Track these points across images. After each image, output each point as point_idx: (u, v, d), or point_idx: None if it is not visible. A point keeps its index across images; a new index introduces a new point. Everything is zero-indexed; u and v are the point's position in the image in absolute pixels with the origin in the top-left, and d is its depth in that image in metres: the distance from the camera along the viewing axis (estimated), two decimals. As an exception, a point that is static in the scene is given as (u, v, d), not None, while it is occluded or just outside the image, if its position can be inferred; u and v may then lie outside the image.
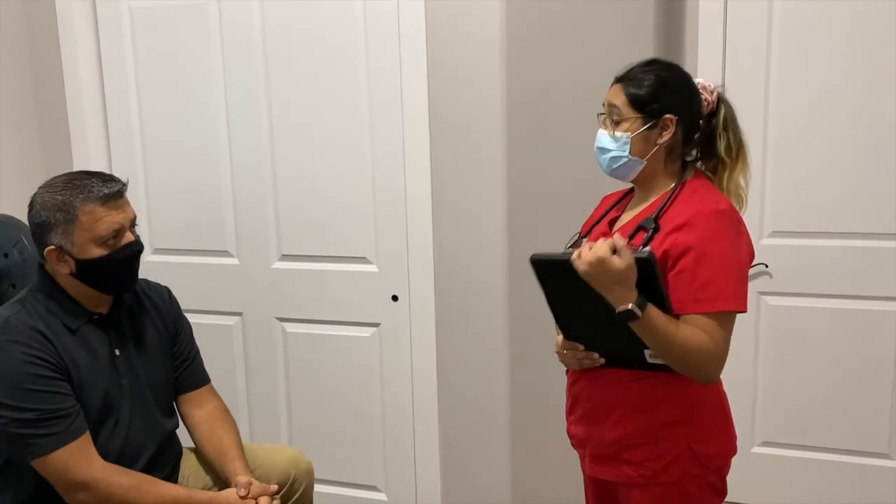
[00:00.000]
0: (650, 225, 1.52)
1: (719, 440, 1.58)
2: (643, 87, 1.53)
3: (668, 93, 1.53)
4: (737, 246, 1.48)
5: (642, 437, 1.55)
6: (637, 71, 1.56)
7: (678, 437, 1.53)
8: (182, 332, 1.97)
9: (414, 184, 2.47)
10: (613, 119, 1.55)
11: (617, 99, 1.55)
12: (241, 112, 2.63)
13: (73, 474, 1.64)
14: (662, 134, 1.53)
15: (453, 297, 2.50)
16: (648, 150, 1.54)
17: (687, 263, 1.44)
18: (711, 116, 1.58)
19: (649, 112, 1.52)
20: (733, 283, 1.45)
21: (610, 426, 1.58)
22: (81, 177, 1.70)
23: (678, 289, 1.45)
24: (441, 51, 2.38)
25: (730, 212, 1.50)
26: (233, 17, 2.58)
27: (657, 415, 1.53)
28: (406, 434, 2.65)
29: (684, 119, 1.54)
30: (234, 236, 2.72)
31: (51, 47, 2.76)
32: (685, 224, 1.47)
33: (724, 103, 1.59)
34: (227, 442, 1.89)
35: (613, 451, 1.59)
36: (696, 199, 1.52)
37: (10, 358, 1.61)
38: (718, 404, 1.61)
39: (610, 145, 1.56)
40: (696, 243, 1.44)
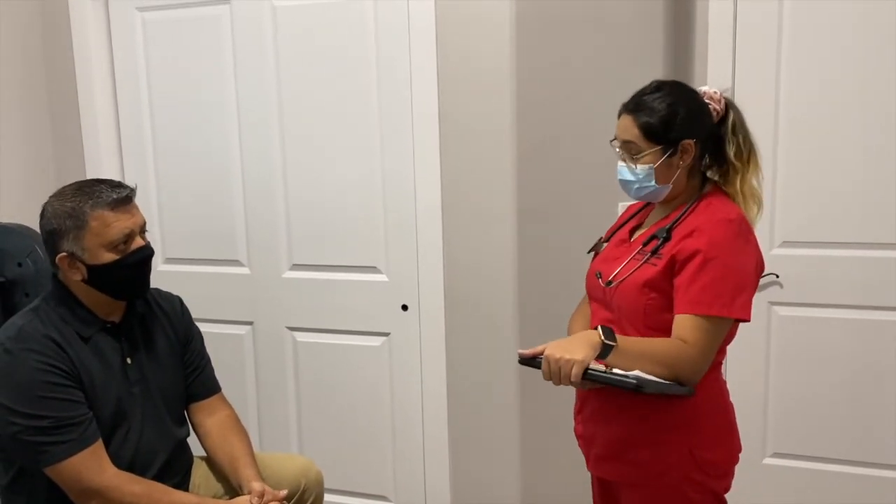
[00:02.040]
0: (662, 234, 1.57)
1: (721, 448, 1.61)
2: (655, 116, 1.54)
3: (682, 118, 1.55)
4: (742, 254, 1.51)
5: (645, 438, 1.58)
6: (646, 100, 1.56)
7: (680, 442, 1.56)
8: (193, 340, 1.98)
9: (424, 193, 2.48)
10: (632, 154, 1.57)
11: (630, 133, 1.57)
12: (253, 122, 2.64)
13: (85, 482, 1.65)
14: (684, 157, 1.56)
15: (463, 307, 2.51)
16: (672, 175, 1.57)
17: (691, 266, 1.49)
18: (720, 123, 1.60)
19: (667, 141, 1.55)
20: (731, 290, 1.48)
21: (615, 426, 1.63)
22: (90, 184, 1.72)
23: (679, 290, 1.50)
24: (451, 59, 2.39)
25: (739, 221, 1.53)
26: (244, 26, 2.60)
27: (661, 418, 1.56)
28: (416, 443, 2.64)
29: (700, 139, 1.57)
30: (245, 246, 2.74)
31: (64, 58, 2.78)
32: (695, 230, 1.52)
33: (731, 108, 1.61)
34: (239, 450, 1.90)
35: (616, 450, 1.63)
36: (709, 210, 1.56)
37: (25, 366, 1.62)
38: (723, 412, 1.63)
39: (633, 178, 1.59)
40: (702, 248, 1.48)
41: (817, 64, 2.23)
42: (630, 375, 1.43)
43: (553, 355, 1.43)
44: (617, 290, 1.60)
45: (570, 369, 1.40)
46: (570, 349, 1.42)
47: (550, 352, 1.44)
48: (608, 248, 1.75)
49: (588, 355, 1.41)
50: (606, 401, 1.63)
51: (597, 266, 1.72)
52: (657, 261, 1.55)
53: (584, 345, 1.42)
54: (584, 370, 1.40)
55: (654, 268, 1.55)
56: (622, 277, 1.59)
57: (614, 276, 1.61)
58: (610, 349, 1.43)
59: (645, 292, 1.55)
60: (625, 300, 1.59)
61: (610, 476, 1.68)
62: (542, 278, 2.44)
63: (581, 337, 1.46)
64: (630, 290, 1.58)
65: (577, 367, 1.40)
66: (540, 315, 2.45)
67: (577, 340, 1.45)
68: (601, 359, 1.44)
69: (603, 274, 1.65)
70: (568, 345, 1.44)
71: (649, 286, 1.55)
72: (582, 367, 1.40)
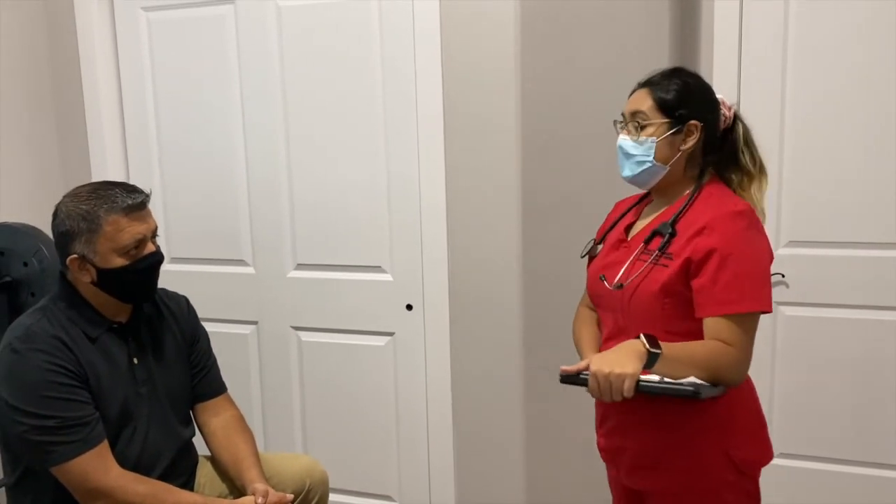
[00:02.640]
0: (666, 230, 1.54)
1: (756, 446, 1.58)
2: (671, 91, 1.55)
3: (695, 99, 1.56)
4: (757, 246, 1.49)
5: (678, 444, 1.54)
6: (662, 77, 1.58)
7: (714, 444, 1.53)
8: (200, 341, 1.98)
9: (428, 193, 2.48)
10: (637, 123, 1.56)
11: (643, 104, 1.56)
12: (257, 121, 2.65)
13: (91, 482, 1.65)
14: (687, 140, 1.55)
15: (468, 306, 2.51)
16: (672, 156, 1.56)
17: (709, 266, 1.45)
18: (727, 131, 1.61)
19: (677, 117, 1.54)
20: (756, 283, 1.46)
21: (645, 436, 1.58)
22: (106, 187, 1.71)
23: (701, 291, 1.46)
24: (456, 58, 2.39)
25: (748, 212, 1.51)
26: (249, 26, 2.60)
27: (692, 422, 1.52)
28: (420, 443, 2.65)
29: (707, 127, 1.56)
30: (250, 246, 2.74)
31: (70, 57, 2.79)
32: (705, 227, 1.48)
33: (740, 120, 1.62)
34: (244, 451, 1.90)
35: (650, 460, 1.58)
36: (713, 202, 1.53)
37: (32, 366, 1.63)
38: (753, 409, 1.60)
39: (634, 150, 1.57)
40: (717, 246, 1.45)
41: (823, 65, 2.23)
42: (685, 383, 1.38)
43: (601, 371, 1.37)
44: (631, 295, 1.55)
45: (621, 384, 1.35)
46: (618, 362, 1.37)
47: (597, 367, 1.38)
48: (605, 249, 1.71)
49: (637, 367, 1.36)
50: (630, 412, 1.57)
51: (598, 270, 1.67)
52: (668, 261, 1.51)
53: (631, 356, 1.37)
54: (636, 383, 1.36)
55: (667, 270, 1.51)
56: (632, 280, 1.55)
57: (621, 278, 1.57)
58: (656, 357, 1.38)
59: (660, 297, 1.51)
60: (640, 307, 1.54)
61: (645, 486, 1.62)
62: (546, 278, 2.44)
63: (625, 348, 1.40)
64: (645, 295, 1.53)
65: (630, 381, 1.35)
66: (545, 314, 2.45)
67: (622, 352, 1.39)
68: (647, 368, 1.38)
69: (608, 277, 1.61)
70: (614, 358, 1.39)
71: (664, 291, 1.51)
72: (634, 381, 1.35)
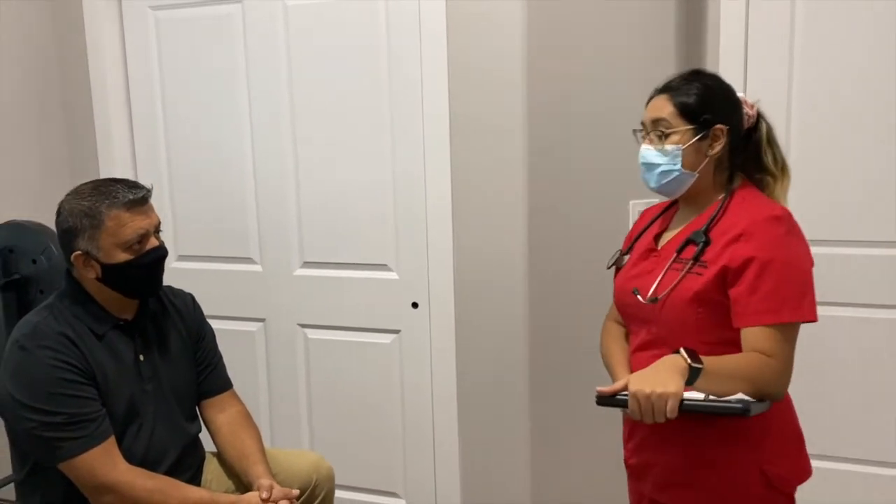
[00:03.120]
0: (700, 238, 1.47)
1: (792, 461, 1.52)
2: (692, 95, 1.49)
3: (718, 102, 1.50)
4: (798, 252, 1.43)
5: (710, 460, 1.49)
6: (682, 81, 1.52)
7: (749, 460, 1.47)
8: (205, 337, 1.99)
9: (434, 191, 2.48)
10: (661, 132, 1.50)
11: (663, 111, 1.50)
12: (264, 120, 2.66)
13: (98, 477, 1.67)
14: (714, 145, 1.49)
15: (473, 305, 2.51)
16: (700, 162, 1.49)
17: (748, 275, 1.39)
18: (751, 131, 1.55)
19: (702, 122, 1.48)
20: (797, 291, 1.39)
21: (675, 450, 1.53)
22: (107, 183, 1.73)
23: (739, 301, 1.40)
24: (462, 56, 2.39)
25: (786, 217, 1.44)
26: (256, 24, 2.61)
27: (724, 437, 1.46)
28: (426, 440, 2.65)
29: (733, 129, 1.50)
30: (258, 243, 2.75)
31: (78, 56, 2.80)
32: (741, 234, 1.42)
33: (763, 119, 1.56)
34: (250, 446, 1.91)
35: (681, 476, 1.53)
36: (747, 207, 1.47)
37: (39, 363, 1.64)
38: (790, 422, 1.54)
39: (658, 160, 1.50)
40: (756, 253, 1.39)
41: (829, 64, 2.23)
42: (733, 400, 1.31)
43: (642, 391, 1.29)
44: (664, 305, 1.48)
45: (664, 405, 1.27)
46: (659, 381, 1.28)
47: (637, 387, 1.30)
48: (633, 260, 1.63)
49: (680, 385, 1.27)
50: (659, 427, 1.45)
51: (628, 282, 1.59)
52: (702, 269, 1.44)
53: (672, 373, 1.29)
54: (680, 402, 1.28)
55: (701, 278, 1.44)
56: (666, 291, 1.47)
57: (654, 290, 1.49)
58: (698, 373, 1.29)
59: (693, 306, 1.45)
60: (672, 316, 1.48)
61: (674, 502, 1.57)
62: (552, 276, 2.44)
63: (665, 365, 1.31)
64: (677, 304, 1.46)
65: (673, 401, 1.27)
66: (550, 313, 2.45)
67: (662, 370, 1.31)
68: (689, 385, 1.30)
69: (641, 290, 1.53)
70: (654, 376, 1.30)
71: (697, 300, 1.44)
72: (678, 400, 1.27)
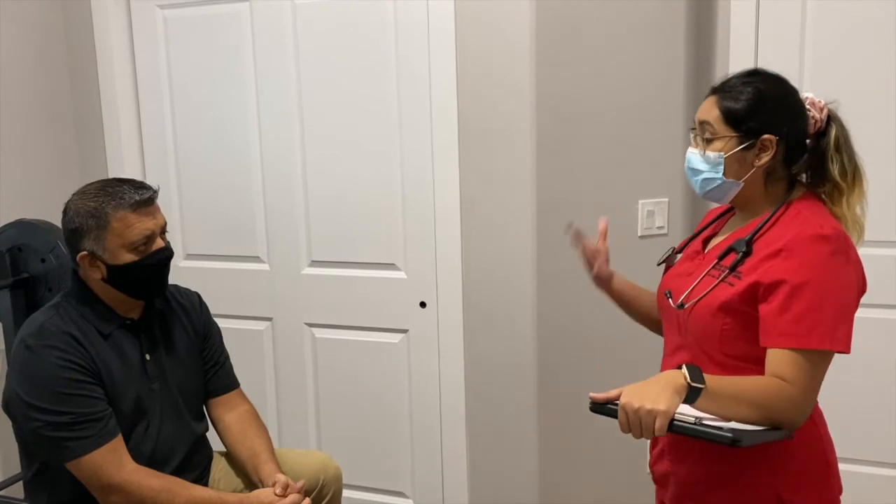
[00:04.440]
0: (741, 248, 1.39)
1: (815, 489, 1.41)
2: (740, 101, 1.39)
3: (769, 109, 1.38)
4: (840, 276, 1.31)
5: (726, 478, 1.42)
6: (735, 82, 1.42)
7: (766, 484, 1.38)
8: (211, 336, 1.99)
9: (442, 190, 2.47)
10: (706, 137, 1.42)
11: (710, 114, 1.41)
12: (272, 119, 2.65)
13: (105, 476, 1.67)
14: (760, 155, 1.39)
15: (481, 304, 2.50)
16: (745, 172, 1.40)
17: (780, 293, 1.29)
18: (820, 136, 1.43)
19: (745, 130, 1.38)
20: (831, 318, 1.28)
21: (693, 464, 1.47)
22: (114, 184, 1.73)
23: (767, 319, 1.31)
24: (470, 56, 2.38)
25: (835, 237, 1.32)
26: (265, 23, 2.61)
27: (745, 456, 1.35)
28: (434, 440, 2.65)
29: (786, 139, 1.39)
30: (265, 242, 2.75)
31: (87, 56, 2.81)
32: (782, 250, 1.32)
33: (835, 121, 1.43)
34: (259, 445, 1.91)
35: (696, 490, 1.47)
36: (798, 222, 1.36)
37: (46, 362, 1.64)
38: (819, 449, 1.43)
39: (701, 166, 1.42)
40: (792, 271, 1.29)
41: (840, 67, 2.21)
42: (725, 428, 1.20)
43: (631, 405, 1.21)
44: (690, 311, 1.42)
45: (652, 422, 1.19)
46: (651, 396, 1.20)
47: (627, 399, 1.22)
48: (682, 259, 1.58)
49: (672, 403, 1.19)
50: (679, 438, 1.41)
51: (667, 283, 1.55)
52: (735, 280, 1.37)
53: (667, 390, 1.20)
54: (670, 421, 1.19)
55: (732, 288, 1.36)
56: (695, 298, 1.41)
57: (686, 296, 1.44)
58: (698, 392, 1.21)
59: (719, 317, 1.37)
60: (697, 324, 1.41)
61: None
62: (560, 276, 2.43)
63: (662, 380, 1.23)
64: (703, 313, 1.40)
65: (661, 420, 1.18)
66: (559, 314, 2.44)
67: (657, 385, 1.22)
68: (688, 403, 1.23)
69: (673, 293, 1.48)
70: (648, 390, 1.22)
71: (724, 310, 1.37)
72: (667, 419, 1.18)
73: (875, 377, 2.29)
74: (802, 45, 2.24)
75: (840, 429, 2.31)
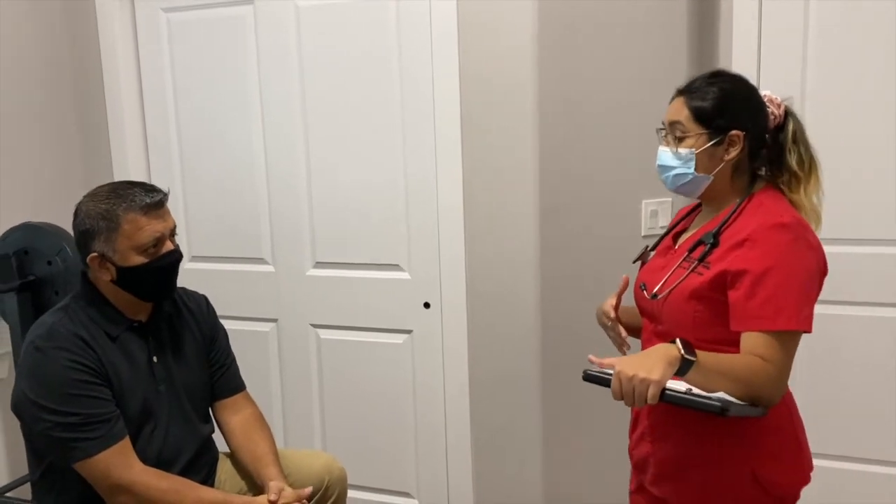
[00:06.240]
0: (709, 240, 1.48)
1: (787, 466, 1.50)
2: (707, 100, 1.48)
3: (735, 107, 1.48)
4: (801, 261, 1.41)
5: (703, 457, 1.49)
6: (701, 84, 1.51)
7: (741, 460, 1.46)
8: (218, 339, 2.00)
9: (445, 192, 2.48)
10: (676, 135, 1.51)
11: (680, 114, 1.50)
12: (276, 121, 2.66)
13: (113, 477, 1.68)
14: (729, 150, 1.49)
15: (485, 304, 2.51)
16: (714, 167, 1.49)
17: (746, 280, 1.39)
18: (778, 130, 1.53)
19: (715, 127, 1.47)
20: (795, 300, 1.38)
21: (670, 445, 1.55)
22: (124, 186, 1.74)
23: (737, 305, 1.40)
24: (473, 57, 2.39)
25: (795, 225, 1.43)
26: (268, 26, 2.62)
27: (720, 435, 1.46)
28: (438, 440, 2.65)
29: (751, 134, 1.49)
30: (270, 244, 2.76)
31: (91, 58, 2.82)
32: (746, 240, 1.42)
33: (791, 117, 1.54)
34: (263, 448, 1.92)
35: (674, 469, 1.54)
36: (760, 212, 1.46)
37: (55, 364, 1.65)
38: (789, 427, 1.51)
39: (673, 163, 1.51)
40: (757, 260, 1.39)
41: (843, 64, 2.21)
42: (713, 398, 1.29)
43: (626, 373, 1.27)
44: (665, 301, 1.51)
45: (645, 390, 1.25)
46: (645, 366, 1.27)
47: (623, 368, 1.28)
48: (654, 257, 1.66)
49: (666, 374, 1.26)
50: (659, 418, 1.55)
51: (642, 277, 1.63)
52: (704, 270, 1.46)
53: (661, 361, 1.27)
54: (662, 391, 1.26)
55: (701, 277, 1.46)
56: (668, 289, 1.50)
57: (659, 287, 1.53)
58: (690, 365, 1.28)
59: (691, 304, 1.46)
60: (671, 312, 1.51)
61: (668, 495, 1.58)
62: (563, 277, 2.44)
63: (657, 352, 1.30)
64: (676, 301, 1.49)
65: (654, 388, 1.25)
66: (562, 312, 2.45)
67: (652, 356, 1.29)
68: (679, 375, 1.29)
69: (648, 285, 1.57)
70: (643, 361, 1.29)
71: (695, 297, 1.46)
72: (659, 388, 1.25)
73: (877, 375, 2.29)
74: (805, 44, 2.24)
75: (842, 427, 2.34)
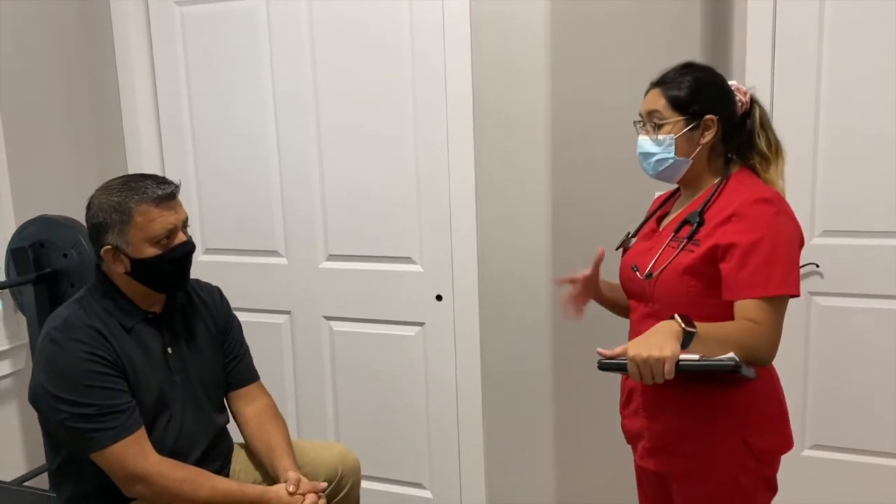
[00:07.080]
0: (695, 219, 1.57)
1: (775, 434, 1.60)
2: (682, 88, 1.58)
3: (708, 94, 1.58)
4: (786, 231, 1.51)
5: (697, 429, 1.57)
6: (674, 75, 1.61)
7: (734, 430, 1.55)
8: (232, 330, 2.01)
9: (458, 184, 2.48)
10: (655, 123, 1.60)
11: (657, 104, 1.60)
12: (289, 114, 2.67)
13: (129, 467, 1.69)
14: (704, 134, 1.58)
15: (497, 297, 2.51)
16: (692, 150, 1.59)
17: (737, 251, 1.48)
18: (745, 117, 1.64)
19: (692, 113, 1.57)
20: (784, 268, 1.47)
21: (664, 419, 1.62)
22: (136, 179, 1.75)
23: (730, 275, 1.49)
24: (486, 50, 2.39)
25: (776, 199, 1.52)
26: (281, 19, 2.62)
27: (713, 408, 1.55)
28: (451, 432, 2.66)
29: (723, 118, 1.59)
30: (283, 237, 2.77)
31: (105, 52, 2.84)
32: (733, 215, 1.51)
33: (757, 104, 1.64)
34: (276, 439, 1.93)
35: (668, 443, 1.62)
36: (741, 190, 1.56)
37: (70, 355, 1.67)
38: (775, 398, 1.62)
39: (653, 149, 1.61)
40: (746, 231, 1.48)
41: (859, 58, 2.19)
42: (724, 358, 1.38)
43: (640, 355, 1.35)
44: (657, 279, 1.59)
45: (661, 367, 1.33)
46: (655, 345, 1.35)
47: (635, 351, 1.36)
48: (638, 240, 1.75)
49: (676, 348, 1.34)
50: (653, 394, 1.62)
51: (630, 259, 1.71)
52: (694, 247, 1.54)
53: (668, 337, 1.35)
54: (676, 363, 1.34)
55: (692, 254, 1.54)
56: (661, 267, 1.58)
57: (652, 266, 1.60)
58: (692, 336, 1.37)
59: (685, 279, 1.54)
60: (665, 290, 1.58)
61: (662, 468, 1.65)
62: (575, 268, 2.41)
63: (661, 330, 1.38)
64: (670, 277, 1.57)
65: (669, 364, 1.33)
66: (574, 305, 2.44)
67: (658, 334, 1.37)
68: (683, 348, 1.37)
69: (640, 267, 1.64)
70: (651, 341, 1.36)
71: (689, 273, 1.54)
72: (673, 363, 1.33)
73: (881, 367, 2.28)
74: (820, 44, 2.22)
75: (881, 422, 2.32)
